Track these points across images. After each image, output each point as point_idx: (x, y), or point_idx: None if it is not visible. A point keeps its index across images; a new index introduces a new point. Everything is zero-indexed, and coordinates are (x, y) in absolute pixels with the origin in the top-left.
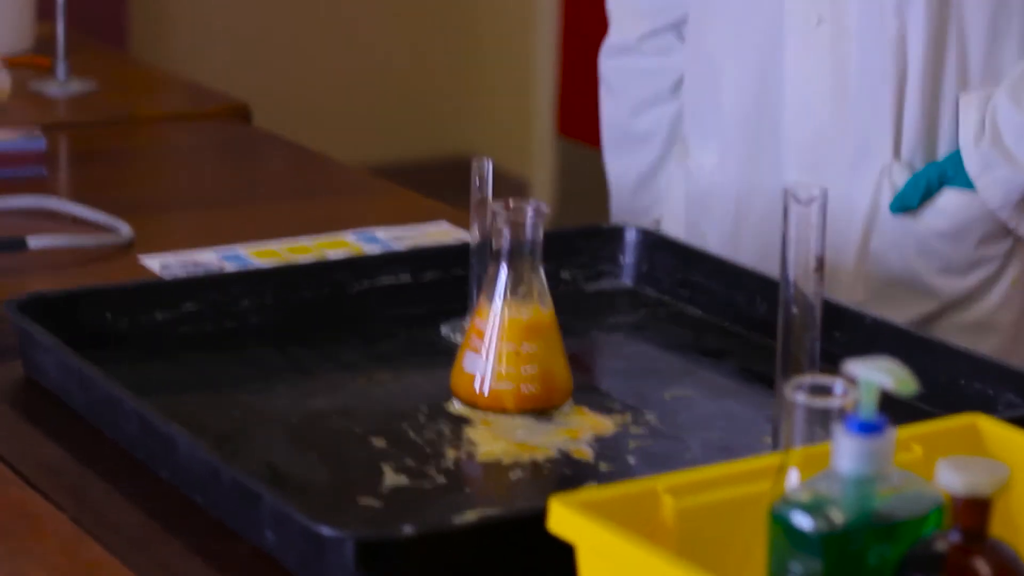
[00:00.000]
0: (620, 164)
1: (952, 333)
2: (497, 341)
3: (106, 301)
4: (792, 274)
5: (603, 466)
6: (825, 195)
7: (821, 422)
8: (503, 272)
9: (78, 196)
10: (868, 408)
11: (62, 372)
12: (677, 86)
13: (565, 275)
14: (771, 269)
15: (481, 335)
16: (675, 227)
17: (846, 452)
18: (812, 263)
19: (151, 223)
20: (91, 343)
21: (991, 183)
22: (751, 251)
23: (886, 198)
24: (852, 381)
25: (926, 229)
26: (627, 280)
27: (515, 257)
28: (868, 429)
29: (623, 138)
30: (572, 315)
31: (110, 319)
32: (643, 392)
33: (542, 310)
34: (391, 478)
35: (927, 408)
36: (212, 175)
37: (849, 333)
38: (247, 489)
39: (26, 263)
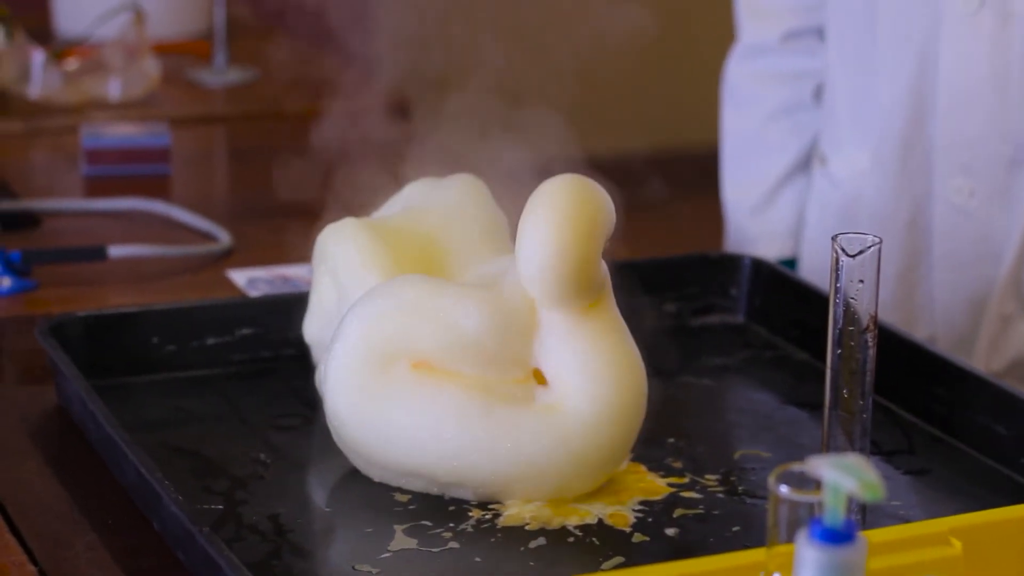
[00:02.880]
0: (741, 182)
1: None
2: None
3: (148, 324)
4: (839, 336)
5: (637, 537)
6: (879, 245)
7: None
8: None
9: (197, 198)
10: (835, 514)
11: (79, 405)
12: (818, 92)
13: (670, 308)
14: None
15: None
16: (817, 239)
17: (808, 564)
18: (864, 322)
19: (260, 231)
20: (131, 370)
21: None
22: (895, 262)
23: None
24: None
25: None
26: (740, 316)
27: None
28: (833, 538)
29: (749, 149)
30: (668, 353)
31: (156, 343)
32: (715, 449)
33: None
34: (399, 541)
35: None
36: (338, 180)
37: (952, 390)
38: (217, 556)
39: (108, 273)
